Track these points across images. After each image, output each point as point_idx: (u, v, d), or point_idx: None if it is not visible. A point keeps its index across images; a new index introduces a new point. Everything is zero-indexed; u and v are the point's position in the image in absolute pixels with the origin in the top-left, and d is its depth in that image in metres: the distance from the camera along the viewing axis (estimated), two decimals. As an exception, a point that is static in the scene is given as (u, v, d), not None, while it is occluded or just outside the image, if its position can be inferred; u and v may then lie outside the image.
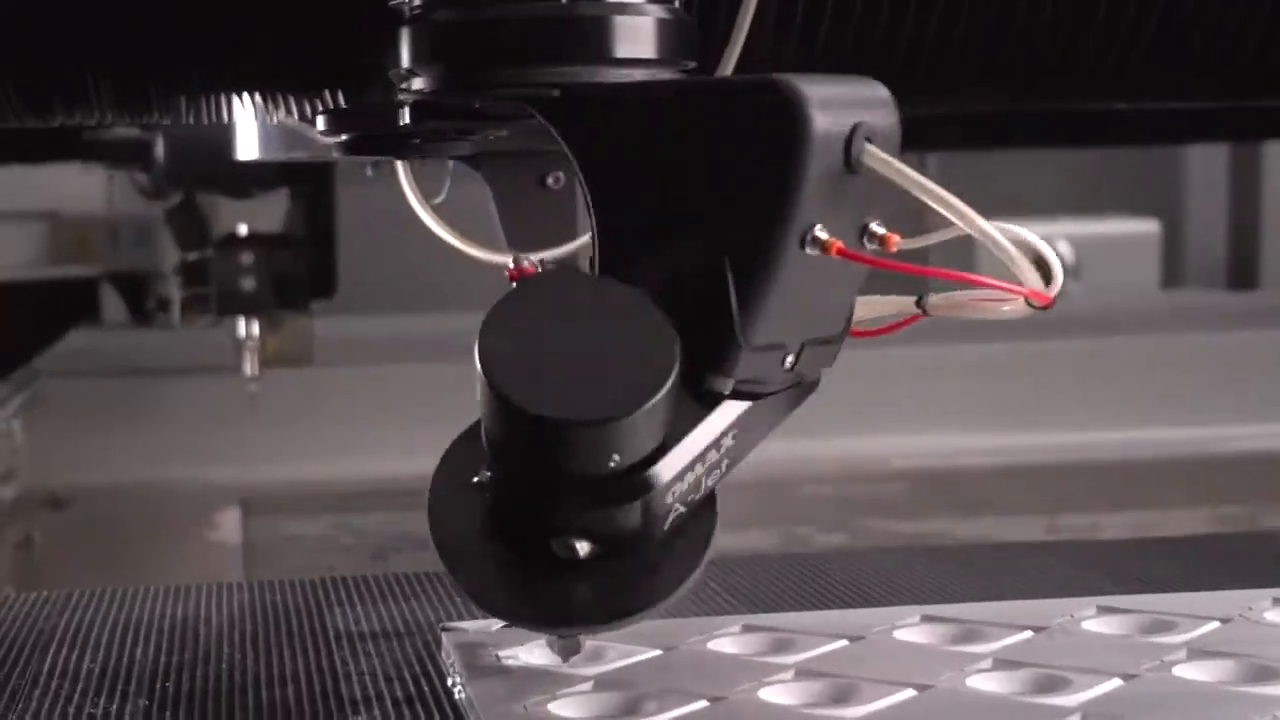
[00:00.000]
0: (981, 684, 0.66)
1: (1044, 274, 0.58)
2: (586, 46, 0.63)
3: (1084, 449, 2.18)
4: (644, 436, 0.57)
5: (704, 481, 0.61)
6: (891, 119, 0.59)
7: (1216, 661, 0.69)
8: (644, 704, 0.64)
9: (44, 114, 0.89)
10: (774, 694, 0.65)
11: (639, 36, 0.63)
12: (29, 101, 0.87)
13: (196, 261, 1.97)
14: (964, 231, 0.58)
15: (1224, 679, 0.67)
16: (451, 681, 0.71)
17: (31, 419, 1.97)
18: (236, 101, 0.87)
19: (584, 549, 0.59)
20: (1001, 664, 0.69)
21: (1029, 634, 0.73)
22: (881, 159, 0.57)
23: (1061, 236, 3.89)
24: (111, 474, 1.94)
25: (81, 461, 1.96)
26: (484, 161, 0.82)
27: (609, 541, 0.59)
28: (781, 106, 0.56)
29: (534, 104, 0.62)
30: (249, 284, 1.90)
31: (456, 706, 0.68)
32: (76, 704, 0.70)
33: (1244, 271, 4.05)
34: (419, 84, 0.67)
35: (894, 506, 1.82)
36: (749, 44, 0.71)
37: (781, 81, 0.57)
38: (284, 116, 0.85)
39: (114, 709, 0.69)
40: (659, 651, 0.71)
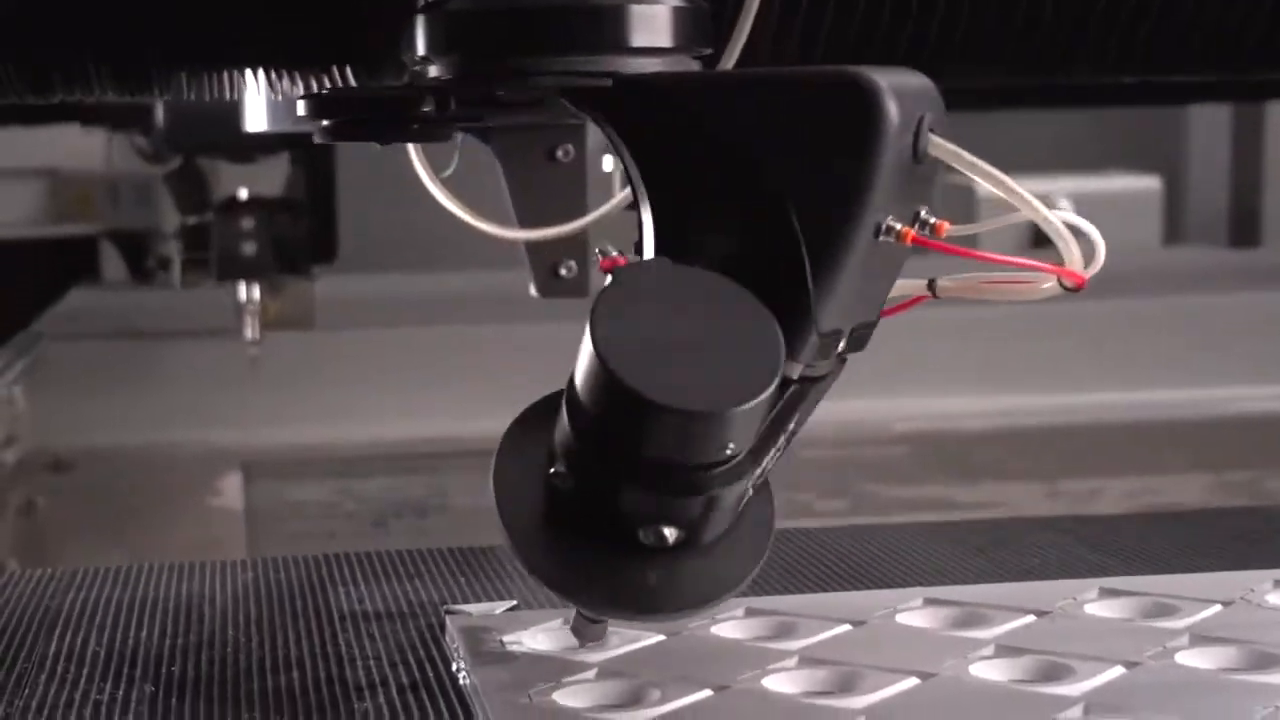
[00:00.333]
0: (984, 672, 0.66)
1: (1086, 256, 0.59)
2: (615, 35, 0.63)
3: (1085, 411, 2.18)
4: (754, 424, 0.58)
5: (769, 465, 0.61)
6: (940, 108, 0.60)
7: (1218, 648, 0.69)
8: (648, 693, 0.64)
9: (43, 91, 0.89)
10: (777, 682, 0.65)
11: (664, 24, 0.64)
12: (28, 79, 0.87)
13: (197, 225, 1.97)
14: (1022, 217, 0.59)
15: (1226, 666, 0.67)
16: (456, 666, 0.71)
17: (33, 383, 1.97)
18: (239, 77, 0.87)
19: (673, 536, 0.59)
20: (1004, 650, 0.69)
21: (1031, 618, 0.74)
22: (948, 149, 0.59)
23: (1062, 194, 3.87)
24: (114, 438, 1.94)
25: (84, 425, 1.96)
26: (493, 135, 0.82)
27: (693, 528, 0.59)
28: (861, 99, 0.57)
29: (582, 94, 0.62)
30: (249, 248, 1.89)
31: (461, 693, 0.68)
32: (83, 689, 0.70)
33: (1246, 228, 4.04)
34: (435, 71, 0.67)
35: (895, 471, 1.82)
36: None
37: (860, 74, 0.57)
38: (290, 93, 0.85)
39: (120, 694, 0.69)
40: (662, 637, 0.71)
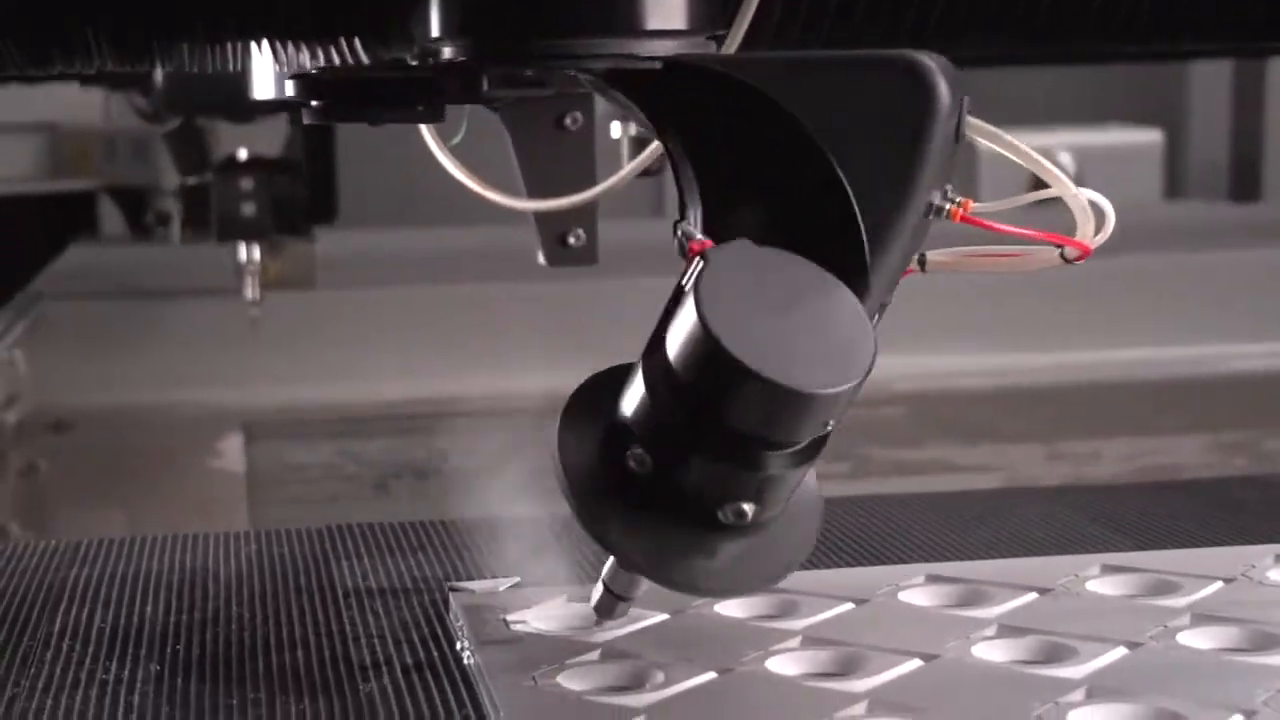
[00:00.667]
0: (987, 653, 0.67)
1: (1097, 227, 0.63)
2: (651, 18, 0.63)
3: (1084, 369, 2.18)
4: (848, 403, 0.59)
5: None
6: (962, 90, 0.61)
7: (1220, 627, 0.69)
8: (652, 674, 0.64)
9: (43, 63, 0.88)
10: (781, 664, 0.66)
11: (689, 7, 0.64)
12: (28, 52, 0.87)
13: (196, 185, 1.96)
14: (1052, 192, 0.62)
15: (1228, 645, 0.68)
16: (460, 646, 0.71)
17: (34, 345, 1.97)
18: (242, 48, 0.86)
19: (750, 513, 0.60)
20: (1006, 630, 0.69)
21: (1033, 596, 0.74)
22: (988, 129, 0.61)
23: (1063, 147, 3.86)
24: (115, 398, 1.95)
25: (84, 386, 1.96)
26: (501, 104, 0.82)
27: (767, 504, 0.60)
28: (916, 82, 0.59)
29: (630, 78, 0.62)
30: (249, 209, 1.89)
31: (465, 673, 0.68)
32: (89, 668, 0.70)
33: (1246, 182, 4.03)
34: (450, 52, 0.67)
35: (895, 433, 1.82)
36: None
37: (914, 58, 0.59)
38: (297, 62, 0.85)
39: (125, 674, 0.69)
40: (666, 616, 0.71)
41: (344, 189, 2.01)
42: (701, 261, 0.58)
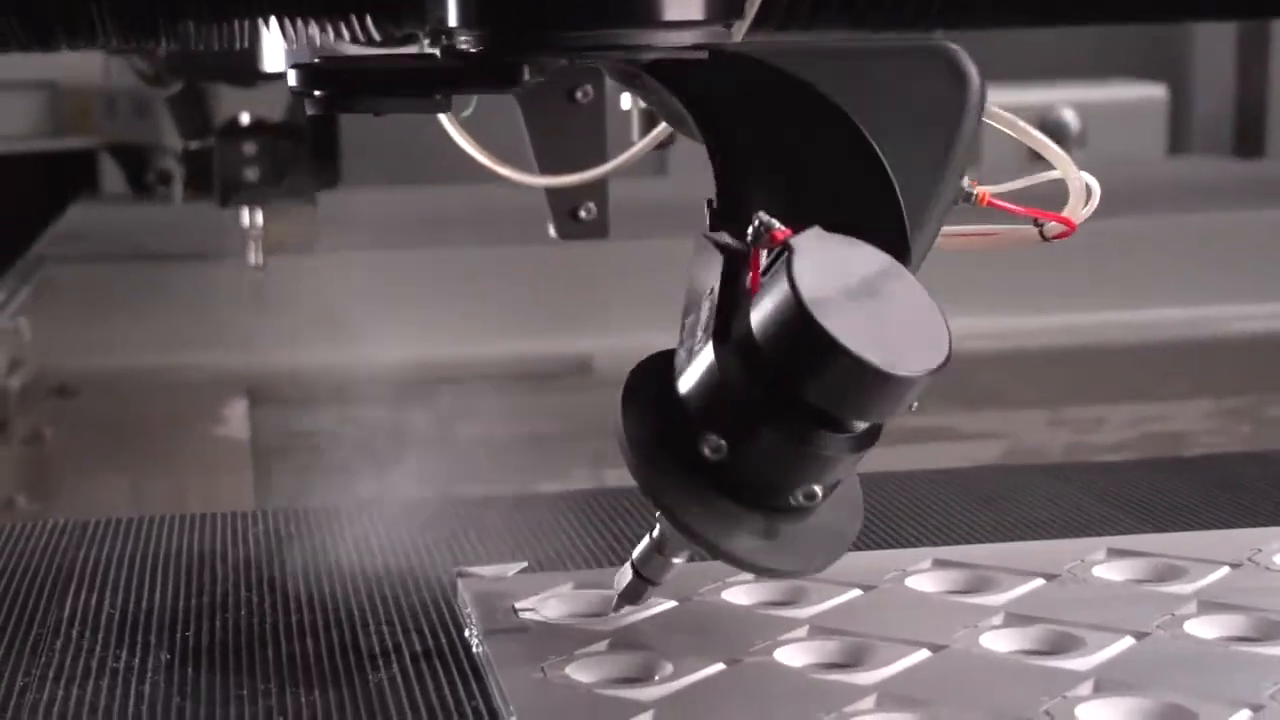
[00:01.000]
0: (994, 643, 0.67)
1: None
2: (676, 8, 0.63)
3: (1087, 331, 2.17)
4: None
5: None
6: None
7: (1227, 615, 0.69)
8: (660, 665, 0.64)
9: (47, 41, 0.88)
10: (789, 655, 0.66)
11: None
12: (32, 29, 0.87)
13: (199, 149, 1.96)
14: (1055, 174, 0.65)
15: (1235, 634, 0.68)
16: (469, 633, 0.71)
17: (38, 309, 1.97)
18: (249, 25, 0.86)
19: (820, 495, 0.61)
20: (1014, 619, 0.69)
21: (1040, 581, 0.74)
22: (1006, 116, 0.64)
23: (1066, 103, 3.85)
24: (119, 362, 1.95)
25: (89, 350, 1.96)
26: None
27: (830, 487, 0.62)
28: (953, 69, 0.61)
29: (671, 68, 0.62)
30: (252, 174, 1.88)
31: (474, 662, 0.68)
32: (99, 656, 0.71)
33: (1250, 138, 4.02)
34: (465, 39, 0.66)
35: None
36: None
37: (948, 46, 0.61)
38: (307, 38, 0.84)
39: (136, 663, 0.70)
40: (674, 603, 0.71)
41: (347, 153, 2.01)
42: (788, 249, 0.59)
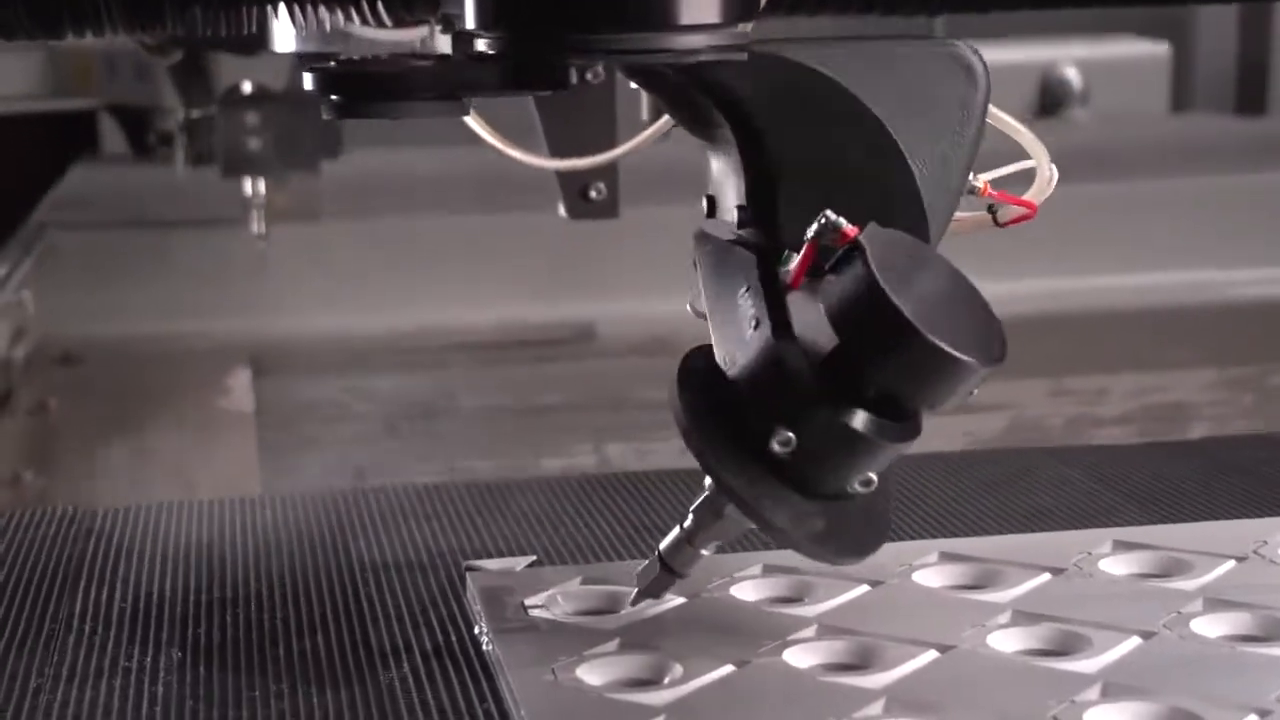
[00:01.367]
0: (1002, 642, 0.67)
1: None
2: (718, 11, 0.64)
3: (1089, 295, 2.17)
4: None
5: None
6: None
7: (1232, 613, 0.69)
8: (670, 667, 0.65)
9: (53, 30, 0.88)
10: (797, 655, 0.66)
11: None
12: (38, 18, 0.86)
13: (201, 118, 1.95)
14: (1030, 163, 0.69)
15: (1241, 633, 0.68)
16: (478, 630, 0.72)
17: (41, 278, 1.97)
18: (258, 11, 0.85)
19: (876, 483, 0.63)
20: (1020, 617, 0.70)
21: (1046, 576, 0.74)
22: (996, 113, 0.67)
23: (1069, 60, 3.84)
24: (122, 332, 1.95)
25: (92, 319, 1.97)
26: None
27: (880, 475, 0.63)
28: (966, 70, 0.64)
29: (712, 71, 0.63)
30: (254, 145, 1.88)
31: (484, 660, 0.69)
32: (111, 654, 0.71)
33: (1253, 96, 4.00)
34: (496, 45, 0.66)
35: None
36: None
37: (961, 48, 0.64)
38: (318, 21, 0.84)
39: (148, 662, 0.70)
40: (682, 600, 0.72)
41: (350, 122, 2.00)
42: (859, 246, 0.60)
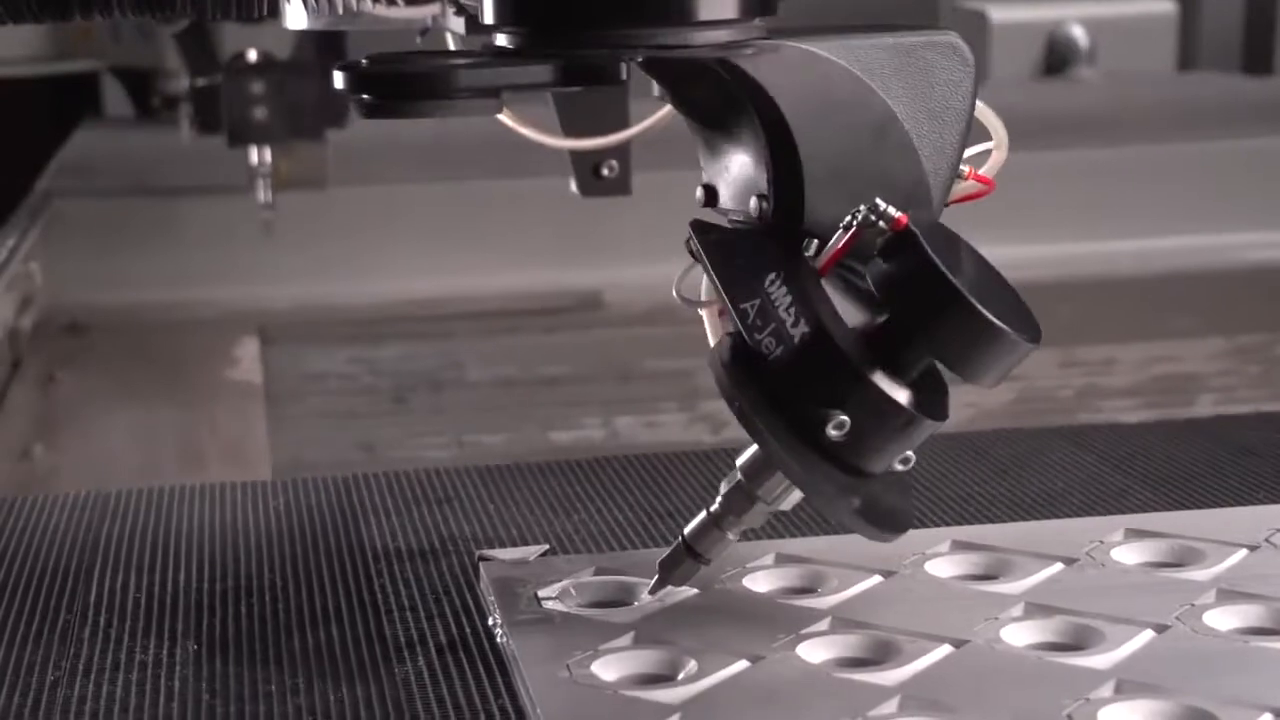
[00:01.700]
0: (1015, 636, 0.67)
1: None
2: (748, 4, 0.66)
3: (1095, 261, 2.17)
4: None
5: None
6: None
7: (1244, 606, 0.70)
8: (684, 662, 0.65)
9: (62, 12, 0.88)
10: (811, 650, 0.66)
11: None
12: (47, 3, 0.86)
13: (207, 87, 1.95)
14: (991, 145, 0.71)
15: (1253, 625, 0.69)
16: (492, 621, 0.72)
17: (48, 248, 1.97)
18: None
19: (913, 459, 0.66)
20: (1033, 609, 0.70)
21: (1059, 566, 0.75)
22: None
23: (1075, 19, 3.83)
24: (130, 300, 1.95)
25: (99, 286, 1.97)
26: None
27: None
28: (963, 60, 0.67)
29: (755, 63, 0.64)
30: (260, 114, 1.88)
31: (499, 653, 0.69)
32: (127, 647, 0.71)
33: (1259, 54, 3.99)
34: (503, 39, 0.66)
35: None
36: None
37: (956, 37, 0.66)
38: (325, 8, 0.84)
39: (164, 655, 0.70)
40: (695, 592, 0.72)
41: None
42: (911, 233, 0.62)
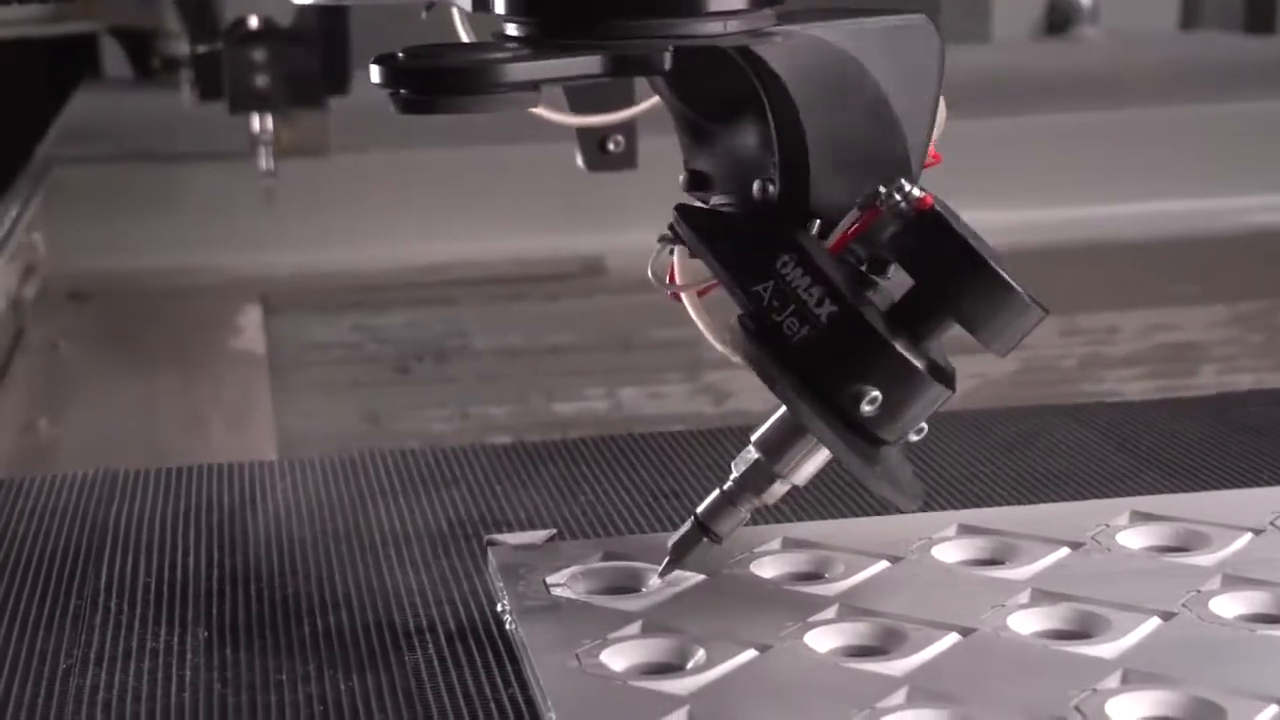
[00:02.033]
0: (1021, 624, 0.68)
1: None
2: None
3: (1097, 226, 2.17)
4: None
5: None
6: None
7: (1250, 592, 0.70)
8: (693, 651, 0.65)
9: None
10: (819, 639, 0.67)
11: None
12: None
13: (209, 53, 1.94)
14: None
15: (1259, 612, 0.69)
16: (500, 608, 0.72)
17: (49, 215, 1.97)
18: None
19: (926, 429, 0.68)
20: (1040, 596, 0.70)
21: (1065, 551, 0.75)
22: None
23: (1079, -22, 3.83)
24: (132, 265, 1.95)
25: (101, 253, 1.97)
26: None
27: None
28: (934, 39, 0.68)
29: (768, 49, 0.65)
30: (262, 81, 1.87)
31: (508, 640, 0.69)
32: (138, 634, 0.72)
33: (1261, 14, 3.98)
34: (514, 29, 0.66)
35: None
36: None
37: (928, 19, 0.68)
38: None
39: (175, 643, 0.71)
40: (701, 578, 0.72)
41: (358, 58, 1.99)
42: (935, 213, 0.65)
